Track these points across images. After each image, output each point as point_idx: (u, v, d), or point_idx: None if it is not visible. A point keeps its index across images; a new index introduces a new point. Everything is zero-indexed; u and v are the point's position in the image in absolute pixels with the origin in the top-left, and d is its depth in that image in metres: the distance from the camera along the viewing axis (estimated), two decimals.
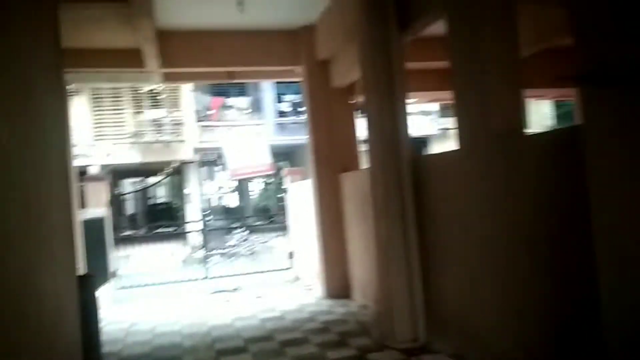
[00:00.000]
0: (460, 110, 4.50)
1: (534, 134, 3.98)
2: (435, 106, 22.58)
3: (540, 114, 18.87)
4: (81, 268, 7.48)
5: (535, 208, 3.78)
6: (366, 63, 5.71)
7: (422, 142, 21.69)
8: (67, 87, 7.74)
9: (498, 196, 4.03)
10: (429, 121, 22.85)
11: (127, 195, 25.91)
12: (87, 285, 4.31)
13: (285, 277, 9.98)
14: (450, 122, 22.72)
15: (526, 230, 3.85)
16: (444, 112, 23.20)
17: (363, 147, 7.56)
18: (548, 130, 6.04)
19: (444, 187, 4.94)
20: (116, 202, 22.02)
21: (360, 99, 7.95)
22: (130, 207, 28.42)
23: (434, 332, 5.18)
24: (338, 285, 7.75)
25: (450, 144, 5.28)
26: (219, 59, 7.84)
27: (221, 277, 10.28)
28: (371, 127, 5.70)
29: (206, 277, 10.31)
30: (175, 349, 5.72)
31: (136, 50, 7.16)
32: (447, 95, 10.27)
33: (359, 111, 8.19)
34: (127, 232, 16.93)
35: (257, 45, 7.87)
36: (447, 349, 4.88)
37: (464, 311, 4.70)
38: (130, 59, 7.37)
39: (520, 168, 3.87)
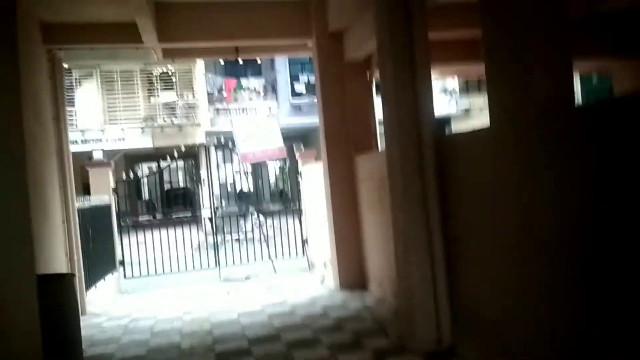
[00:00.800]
0: (495, 82, 3.81)
1: (587, 106, 3.32)
2: (455, 85, 21.72)
3: None
4: (76, 261, 7.03)
5: (583, 192, 3.14)
6: (383, 31, 5.05)
7: (442, 122, 20.87)
8: (63, 65, 7.23)
9: (538, 178, 3.38)
10: (449, 101, 21.97)
11: (143, 180, 25.64)
12: (62, 286, 3.79)
13: (298, 265, 9.47)
14: (472, 102, 21.84)
15: (572, 218, 3.22)
16: (465, 91, 22.32)
17: (381, 128, 6.94)
18: (605, 100, 5.26)
19: (473, 170, 4.29)
20: (131, 187, 21.80)
21: (377, 73, 7.30)
22: (147, 193, 28.22)
23: (461, 333, 4.58)
24: (353, 275, 7.17)
25: (473, 125, 4.63)
26: (224, 32, 7.19)
27: (233, 264, 9.83)
28: (388, 103, 5.05)
29: (217, 265, 9.86)
30: (172, 350, 5.21)
31: (132, 24, 6.57)
32: (473, 69, 9.61)
33: (376, 87, 7.53)
34: (141, 218, 16.60)
35: (265, 16, 7.20)
36: (475, 353, 4.28)
37: (495, 310, 4.08)
38: (126, 34, 6.77)
39: (567, 145, 3.22)
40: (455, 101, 21.84)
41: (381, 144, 7.29)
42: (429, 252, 4.73)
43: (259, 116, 18.64)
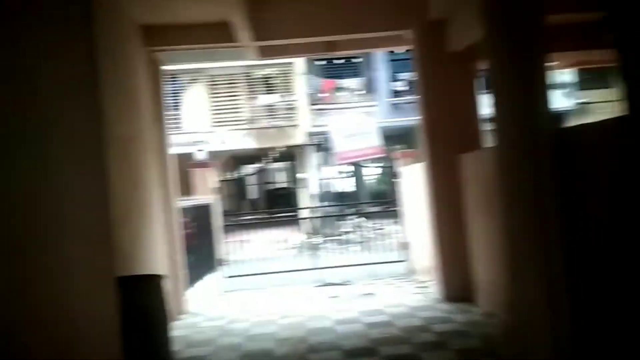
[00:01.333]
0: (631, 64, 3.16)
1: None
2: (570, 77, 20.01)
3: None
4: (178, 260, 7.13)
5: None
6: (492, 15, 4.52)
7: (557, 118, 19.26)
8: (161, 67, 7.36)
9: None
10: (563, 95, 20.24)
11: (245, 180, 26.40)
12: (149, 288, 3.71)
13: (398, 270, 9.00)
14: (591, 96, 19.98)
15: None
16: (583, 83, 20.50)
17: (486, 124, 6.32)
18: None
19: (602, 167, 3.64)
20: (235, 187, 22.53)
21: (483, 64, 6.68)
22: (250, 192, 29.05)
23: (586, 357, 3.93)
24: (458, 285, 6.60)
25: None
26: (317, 27, 6.96)
27: (331, 267, 9.58)
28: (499, 95, 4.51)
29: (316, 267, 9.67)
30: (266, 357, 5.03)
31: (227, 23, 6.53)
32: (595, 56, 8.58)
33: (482, 79, 6.91)
34: (243, 218, 16.97)
35: (359, 8, 6.87)
36: None
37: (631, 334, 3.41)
38: (221, 33, 6.75)
39: None
40: (571, 95, 20.09)
41: (487, 141, 6.67)
42: (546, 262, 4.13)
43: (356, 116, 18.38)
